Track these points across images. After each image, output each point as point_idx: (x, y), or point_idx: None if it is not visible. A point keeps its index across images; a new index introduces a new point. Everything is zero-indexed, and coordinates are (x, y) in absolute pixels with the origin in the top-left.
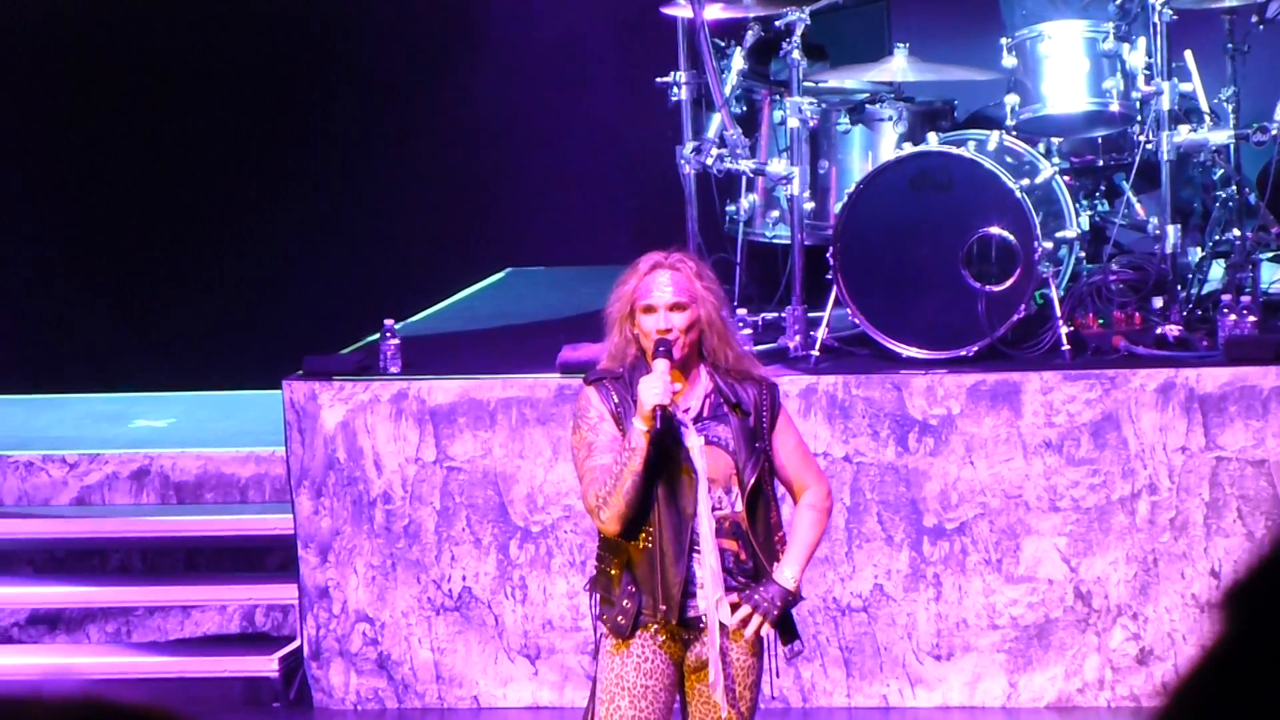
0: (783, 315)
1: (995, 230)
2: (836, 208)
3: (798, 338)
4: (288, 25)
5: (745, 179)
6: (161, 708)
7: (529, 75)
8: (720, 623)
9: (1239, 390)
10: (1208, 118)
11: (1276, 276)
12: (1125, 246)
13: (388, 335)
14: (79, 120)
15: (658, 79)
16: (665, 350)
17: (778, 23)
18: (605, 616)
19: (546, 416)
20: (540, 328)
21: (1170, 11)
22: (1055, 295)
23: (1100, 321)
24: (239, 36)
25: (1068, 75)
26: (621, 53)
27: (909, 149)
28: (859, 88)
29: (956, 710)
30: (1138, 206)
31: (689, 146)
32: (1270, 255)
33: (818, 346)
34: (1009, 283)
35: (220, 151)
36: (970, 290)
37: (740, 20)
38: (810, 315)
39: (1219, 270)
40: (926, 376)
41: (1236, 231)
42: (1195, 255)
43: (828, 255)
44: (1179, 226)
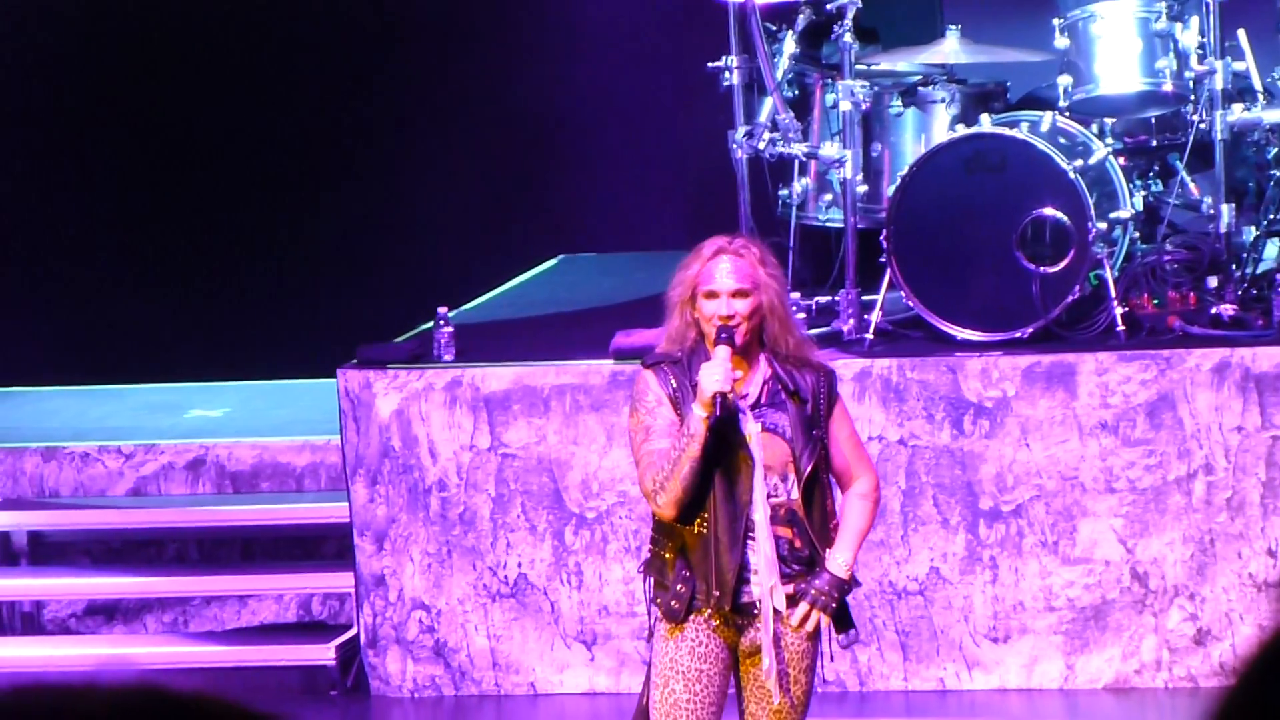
0: (836, 299)
1: (1049, 211)
2: (889, 191)
3: (851, 321)
4: (341, 12)
5: (798, 163)
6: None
7: (581, 62)
8: (774, 609)
9: None
10: (1261, 96)
11: None
12: (1179, 226)
13: (441, 323)
14: (132, 112)
15: (709, 64)
16: (727, 337)
17: (829, 6)
18: (659, 600)
19: (600, 403)
20: (593, 314)
21: None
22: (1110, 276)
23: (1155, 302)
24: (293, 24)
25: (1120, 55)
26: (673, 38)
27: (962, 131)
28: (911, 70)
29: (1014, 693)
30: (1192, 186)
31: (741, 131)
32: None
33: (872, 330)
34: (1063, 264)
35: (276, 143)
36: (1024, 272)
37: (792, 4)
38: (864, 298)
39: (1274, 249)
40: (981, 359)
41: None
42: (1250, 234)
43: (881, 238)
44: (1233, 206)
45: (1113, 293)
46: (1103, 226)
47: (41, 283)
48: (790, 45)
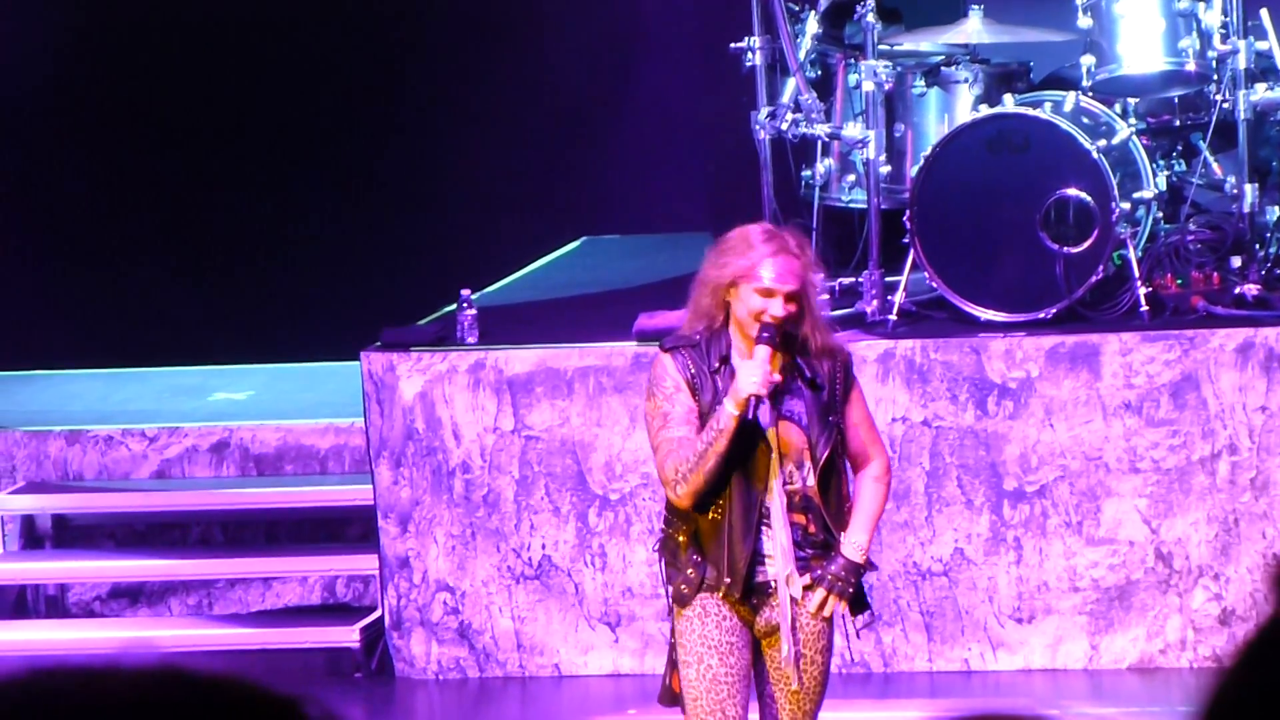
0: (860, 280)
1: (1073, 192)
2: (913, 171)
3: (875, 302)
4: None
5: (821, 143)
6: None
7: (604, 43)
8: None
9: None
10: None
11: None
12: (1203, 206)
13: (464, 305)
14: (156, 94)
15: (732, 45)
16: (769, 337)
17: None
18: (671, 580)
19: (624, 385)
20: (616, 296)
21: None
22: (1133, 256)
23: (1179, 282)
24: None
25: (1143, 35)
26: (696, 19)
27: (985, 111)
28: (934, 50)
29: (1038, 673)
30: (1215, 166)
31: (764, 112)
32: None
33: (895, 310)
34: (1087, 244)
35: (301, 126)
36: (1048, 252)
37: None
38: (887, 279)
39: None
40: (1005, 339)
41: None
42: (1273, 214)
43: (904, 219)
44: (1256, 185)
45: (1136, 273)
46: (1126, 207)
47: (66, 266)
48: (813, 25)
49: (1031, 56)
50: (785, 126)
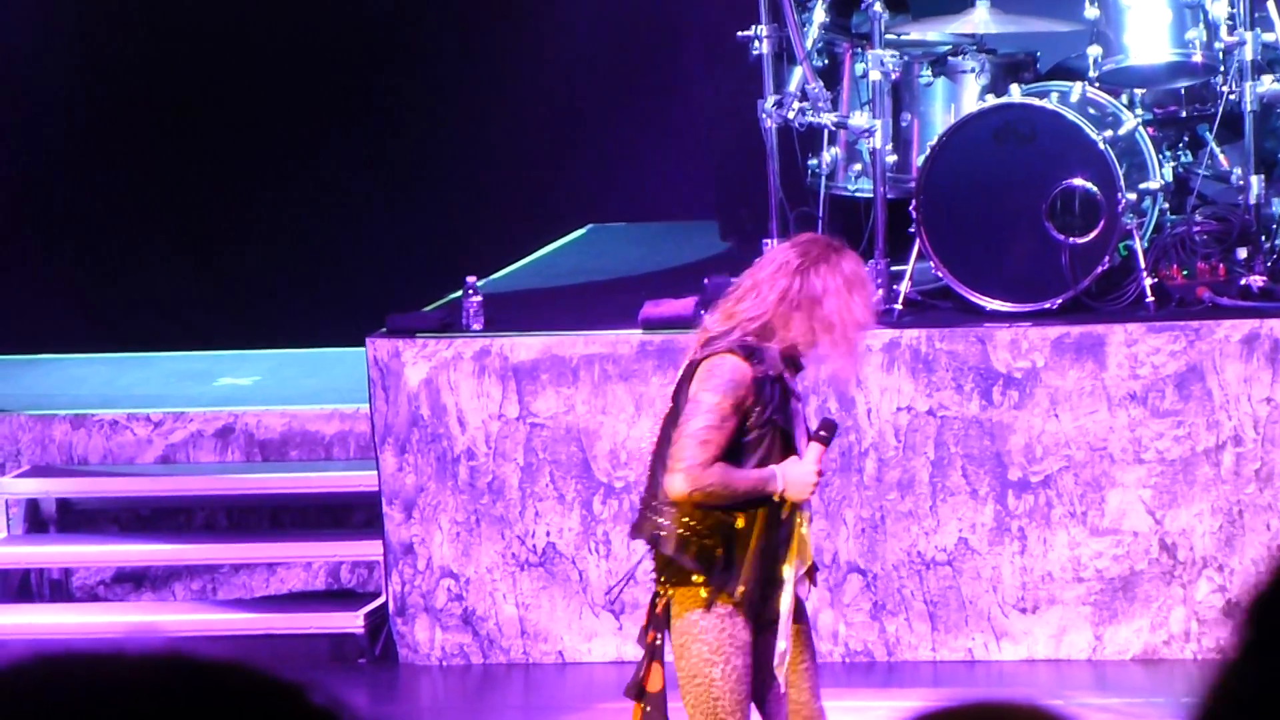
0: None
1: (1079, 182)
2: (919, 161)
3: (881, 291)
4: None
5: (827, 132)
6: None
7: (611, 30)
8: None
9: None
10: None
11: None
12: (1209, 197)
13: (470, 292)
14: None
15: (739, 33)
16: (828, 436)
17: None
18: (712, 582)
19: (629, 373)
20: (622, 284)
21: None
22: (1139, 247)
23: (1184, 273)
24: None
25: (1150, 26)
26: (703, 7)
27: (992, 101)
28: (941, 40)
29: (1042, 663)
30: (1221, 157)
31: (770, 100)
32: None
33: (901, 300)
34: (1093, 235)
35: (306, 112)
36: (1054, 242)
37: None
38: (893, 269)
39: None
40: (1010, 329)
41: None
42: (1279, 206)
43: (910, 208)
44: (1262, 177)
45: (1142, 264)
46: (1132, 197)
47: (72, 250)
48: (820, 14)
49: (1038, 47)
50: (792, 115)
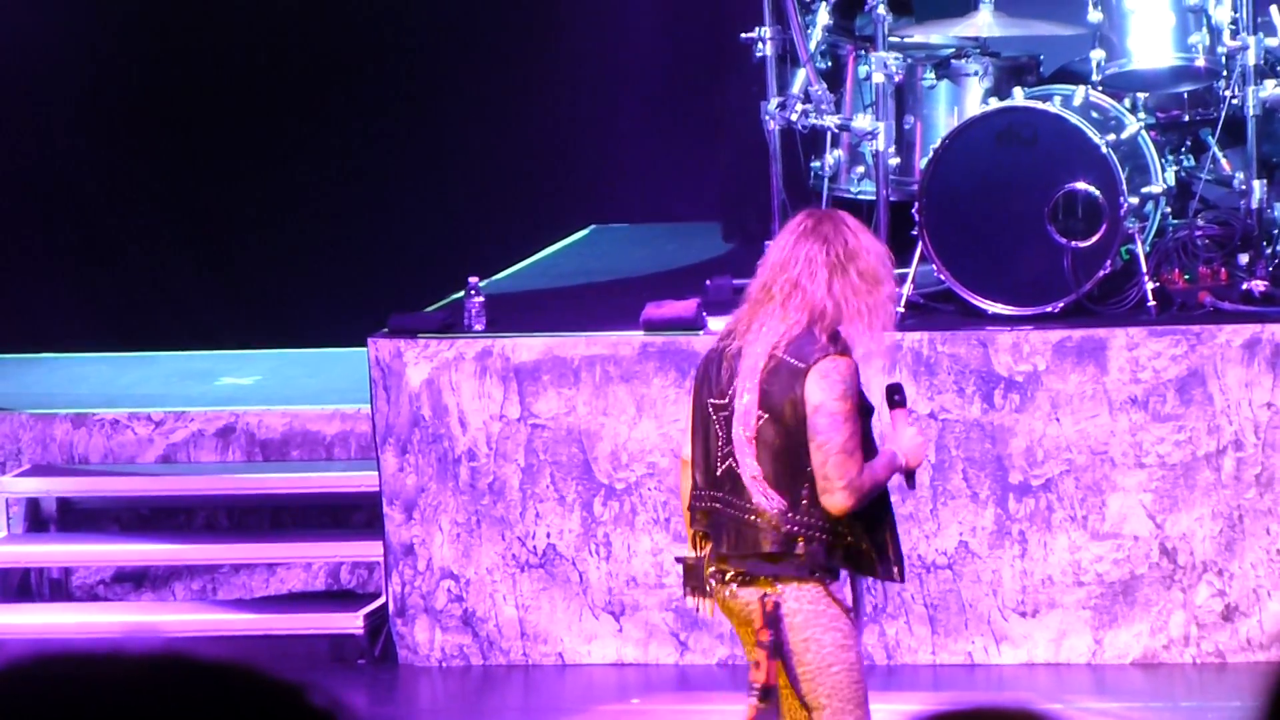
0: None
1: (1081, 186)
2: (922, 163)
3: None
4: None
5: (830, 135)
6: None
7: (615, 32)
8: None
9: None
10: None
11: None
12: (1211, 202)
13: (472, 293)
14: (162, 82)
15: (743, 35)
16: (902, 399)
17: None
18: (861, 571)
19: (630, 374)
20: (624, 285)
21: None
22: (1141, 251)
23: (1186, 277)
24: None
25: (1153, 30)
26: (707, 9)
27: (995, 104)
28: (944, 43)
29: (1042, 667)
30: (1223, 161)
31: (774, 102)
32: None
33: (903, 303)
34: (1095, 238)
35: (309, 111)
36: (1056, 246)
37: None
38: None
39: None
40: (1012, 333)
41: None
42: None
43: (913, 211)
44: (1265, 181)
45: (1144, 268)
46: (1134, 201)
47: (74, 250)
48: (824, 16)
49: (1041, 50)
50: (795, 117)
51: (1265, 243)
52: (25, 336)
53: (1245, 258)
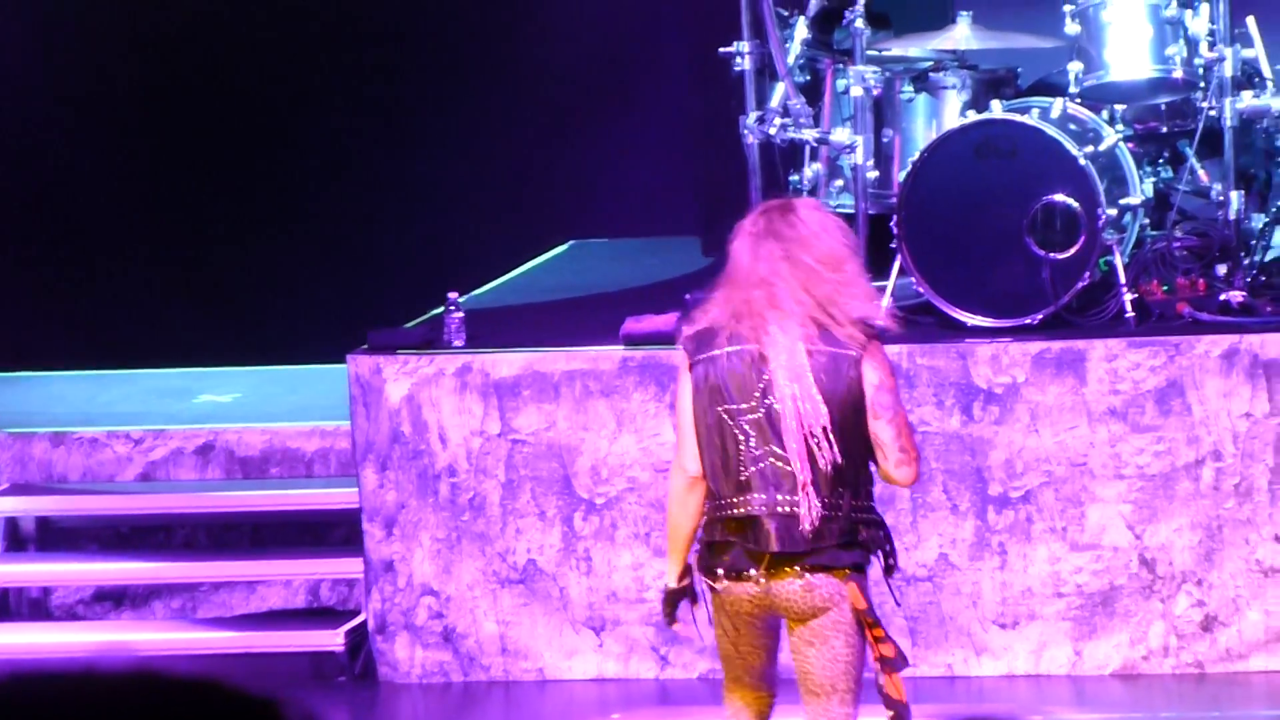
0: None
1: (1059, 198)
2: (900, 176)
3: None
4: None
5: (809, 148)
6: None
7: (592, 46)
8: None
9: None
10: (1270, 84)
11: None
12: (1189, 213)
13: (451, 309)
14: (139, 97)
15: (721, 49)
16: None
17: None
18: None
19: (610, 389)
20: (603, 300)
21: None
22: (1119, 262)
23: (1164, 288)
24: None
25: (1131, 42)
26: (685, 23)
27: (973, 117)
28: (922, 56)
29: (1022, 679)
30: (1201, 173)
31: (752, 116)
32: None
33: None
34: (1073, 250)
35: (285, 128)
36: (1034, 258)
37: None
38: (874, 284)
39: None
40: (991, 345)
41: None
42: (1259, 221)
43: (891, 224)
44: (1242, 193)
45: (1122, 279)
46: (1113, 213)
47: (51, 267)
48: (802, 30)
49: (1019, 62)
50: (774, 131)
51: (1243, 253)
52: (3, 354)
53: (1223, 269)
